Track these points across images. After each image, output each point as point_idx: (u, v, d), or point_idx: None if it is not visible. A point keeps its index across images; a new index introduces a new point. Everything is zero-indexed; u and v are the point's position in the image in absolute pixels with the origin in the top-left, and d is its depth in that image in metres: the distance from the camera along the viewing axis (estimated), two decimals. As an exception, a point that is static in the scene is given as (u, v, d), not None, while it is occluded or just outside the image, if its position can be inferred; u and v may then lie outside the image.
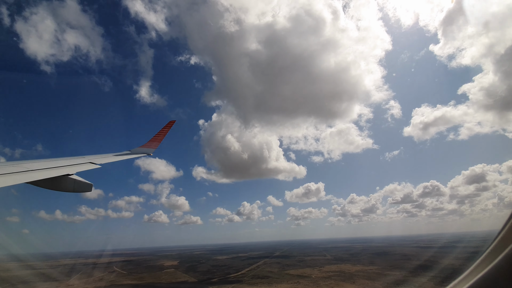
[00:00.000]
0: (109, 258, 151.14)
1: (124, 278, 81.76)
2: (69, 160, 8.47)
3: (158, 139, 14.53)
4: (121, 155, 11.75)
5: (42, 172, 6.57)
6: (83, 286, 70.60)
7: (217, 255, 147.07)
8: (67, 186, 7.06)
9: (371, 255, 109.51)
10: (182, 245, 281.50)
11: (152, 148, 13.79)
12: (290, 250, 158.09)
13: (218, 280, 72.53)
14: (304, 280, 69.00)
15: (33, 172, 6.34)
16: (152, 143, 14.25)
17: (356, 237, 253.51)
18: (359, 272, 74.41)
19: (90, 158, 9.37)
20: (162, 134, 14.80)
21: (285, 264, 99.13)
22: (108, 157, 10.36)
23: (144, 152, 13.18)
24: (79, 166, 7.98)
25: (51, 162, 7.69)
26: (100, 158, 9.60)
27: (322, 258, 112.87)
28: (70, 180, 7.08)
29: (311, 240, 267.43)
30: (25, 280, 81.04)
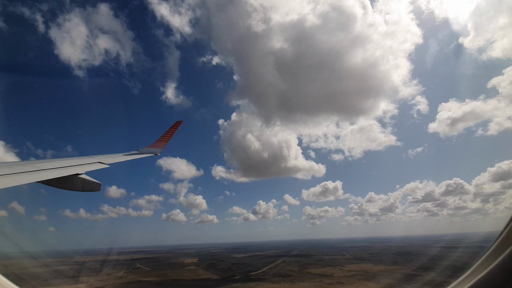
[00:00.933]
0: (131, 255, 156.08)
1: (148, 274, 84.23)
2: (79, 160, 8.55)
3: (165, 139, 14.65)
4: (129, 154, 11.91)
5: (53, 172, 6.66)
6: (112, 281, 73.27)
7: (235, 253, 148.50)
8: (77, 186, 7.14)
9: (392, 254, 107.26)
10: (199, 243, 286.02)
11: (159, 148, 13.92)
12: (307, 249, 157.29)
13: (240, 278, 73.31)
14: (326, 279, 68.60)
15: (44, 172, 6.43)
16: (159, 143, 14.37)
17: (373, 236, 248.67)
18: (382, 272, 73.16)
19: (99, 157, 9.49)
20: (169, 134, 14.94)
21: (304, 263, 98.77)
22: (116, 157, 10.48)
23: (151, 152, 13.27)
24: (88, 166, 8.06)
25: (61, 162, 7.76)
26: (109, 158, 9.74)
27: (342, 257, 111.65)
28: (80, 179, 7.16)
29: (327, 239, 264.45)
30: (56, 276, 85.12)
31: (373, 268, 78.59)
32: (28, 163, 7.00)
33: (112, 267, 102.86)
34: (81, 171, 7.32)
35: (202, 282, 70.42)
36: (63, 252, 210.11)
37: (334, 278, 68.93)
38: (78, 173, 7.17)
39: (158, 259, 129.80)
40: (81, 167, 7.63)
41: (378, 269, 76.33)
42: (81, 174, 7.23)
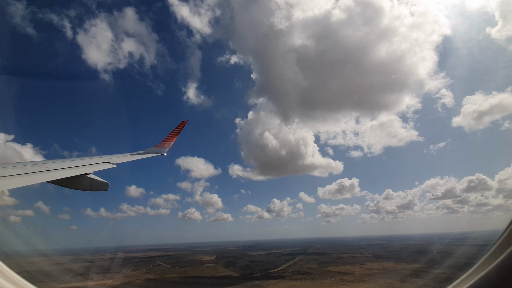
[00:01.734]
0: (150, 253, 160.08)
1: (170, 271, 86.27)
2: (87, 160, 8.65)
3: (171, 139, 14.71)
4: (136, 154, 12.02)
5: (62, 172, 6.73)
6: (136, 277, 75.59)
7: (251, 251, 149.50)
8: (85, 185, 7.20)
9: (413, 253, 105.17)
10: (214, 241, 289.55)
11: (165, 148, 13.96)
12: (323, 247, 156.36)
13: (260, 276, 73.96)
14: (347, 277, 68.22)
15: (54, 172, 6.50)
16: (165, 143, 14.42)
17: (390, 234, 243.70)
18: (404, 270, 71.99)
19: (106, 157, 9.57)
20: (175, 134, 15.03)
21: (322, 261, 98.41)
22: (124, 157, 10.55)
23: (157, 152, 13.34)
24: (96, 166, 8.15)
25: (70, 162, 7.83)
26: (116, 158, 9.79)
27: (360, 255, 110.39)
28: (88, 179, 7.24)
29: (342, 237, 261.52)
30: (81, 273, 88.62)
31: (394, 267, 77.47)
32: (38, 163, 7.05)
33: (134, 264, 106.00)
34: (89, 171, 7.40)
35: (223, 279, 71.52)
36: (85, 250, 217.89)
37: (355, 276, 68.44)
38: (86, 173, 7.27)
39: (177, 257, 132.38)
40: (89, 167, 7.72)
41: (400, 268, 75.17)
42: (89, 174, 7.32)
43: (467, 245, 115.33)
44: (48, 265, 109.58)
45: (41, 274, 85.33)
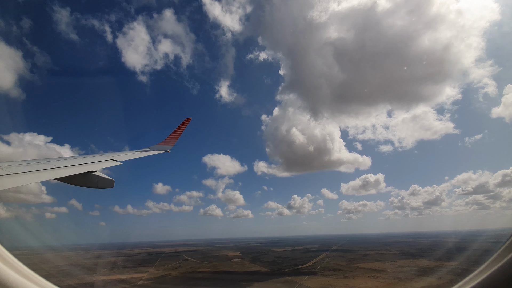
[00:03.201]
0: (175, 248, 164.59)
1: (199, 265, 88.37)
2: (93, 158, 8.77)
3: (175, 136, 14.66)
4: (141, 151, 12.09)
5: (69, 169, 6.79)
6: (169, 271, 78.15)
7: (274, 247, 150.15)
8: (91, 183, 7.33)
9: (445, 250, 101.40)
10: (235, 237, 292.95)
11: (169, 145, 13.91)
12: (347, 244, 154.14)
13: (289, 271, 74.20)
14: (380, 274, 66.99)
15: (61, 169, 6.59)
16: (169, 140, 14.38)
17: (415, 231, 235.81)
18: (440, 267, 69.60)
19: (112, 155, 9.66)
20: (179, 131, 14.99)
21: (349, 257, 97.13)
22: (129, 154, 10.64)
23: (162, 149, 13.29)
24: (102, 163, 8.25)
25: (76, 160, 7.92)
26: (121, 155, 9.87)
27: (388, 252, 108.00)
28: (94, 176, 7.36)
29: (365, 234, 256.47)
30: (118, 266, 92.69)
31: (428, 264, 75.10)
32: (45, 161, 7.14)
33: (163, 259, 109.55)
34: (95, 168, 7.52)
35: (254, 274, 72.40)
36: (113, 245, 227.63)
37: (388, 273, 67.09)
38: (92, 170, 7.38)
39: (202, 252, 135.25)
40: (95, 165, 7.85)
41: (435, 265, 72.74)
42: (95, 172, 7.43)
43: (502, 242, 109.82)
44: (84, 259, 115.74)
45: (80, 268, 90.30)
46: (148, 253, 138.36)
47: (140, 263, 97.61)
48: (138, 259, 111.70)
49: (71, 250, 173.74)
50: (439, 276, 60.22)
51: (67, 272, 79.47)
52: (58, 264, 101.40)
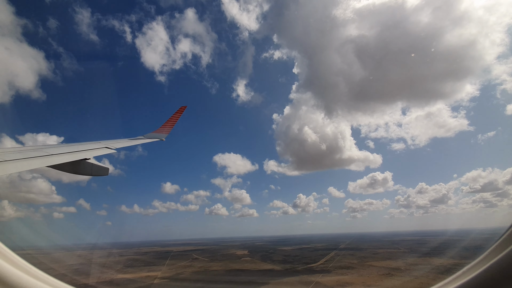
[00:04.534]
0: (183, 247, 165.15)
1: (210, 264, 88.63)
2: (86, 145, 8.57)
3: (170, 124, 14.57)
4: (135, 139, 11.91)
5: (62, 157, 6.64)
6: (181, 270, 78.46)
7: (281, 246, 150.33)
8: (85, 170, 7.28)
9: (456, 248, 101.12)
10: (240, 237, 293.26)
11: (164, 133, 13.81)
12: (354, 242, 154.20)
13: (302, 269, 74.33)
14: (395, 272, 66.97)
15: (53, 157, 6.44)
16: (164, 128, 14.28)
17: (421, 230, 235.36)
18: (455, 266, 69.39)
19: (105, 143, 9.49)
20: (174, 119, 14.91)
21: (360, 256, 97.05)
22: (122, 142, 10.43)
23: (156, 137, 13.16)
24: (95, 151, 8.12)
25: (69, 147, 7.73)
26: (115, 143, 9.71)
27: (397, 251, 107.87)
28: (88, 164, 7.31)
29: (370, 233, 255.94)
30: (129, 264, 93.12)
31: (442, 262, 74.92)
32: (38, 147, 6.99)
33: (172, 258, 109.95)
34: (88, 156, 7.41)
35: (267, 272, 72.51)
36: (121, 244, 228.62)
37: (403, 271, 67.07)
38: (86, 158, 7.27)
39: (210, 251, 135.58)
40: (88, 152, 7.73)
41: (449, 263, 72.52)
42: (89, 159, 7.34)
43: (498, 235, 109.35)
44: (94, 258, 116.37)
45: (92, 266, 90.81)
46: (157, 252, 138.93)
47: (151, 262, 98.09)
48: (148, 257, 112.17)
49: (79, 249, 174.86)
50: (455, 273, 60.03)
51: (80, 271, 79.99)
52: (70, 263, 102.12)
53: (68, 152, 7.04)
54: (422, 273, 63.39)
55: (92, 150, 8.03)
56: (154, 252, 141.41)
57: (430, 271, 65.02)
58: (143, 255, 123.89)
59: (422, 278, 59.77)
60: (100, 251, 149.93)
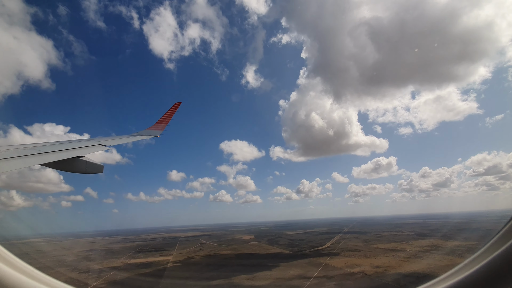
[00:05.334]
0: (189, 233, 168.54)
1: (220, 248, 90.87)
2: (80, 143, 8.51)
3: (165, 121, 14.42)
4: (130, 136, 11.84)
5: (56, 154, 6.59)
6: (192, 254, 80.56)
7: (286, 231, 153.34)
8: (79, 168, 7.18)
9: (458, 230, 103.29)
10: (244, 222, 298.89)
11: (159, 130, 13.68)
12: (357, 226, 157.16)
13: (310, 252, 76.20)
14: (400, 253, 68.60)
15: (47, 155, 6.37)
16: (159, 125, 14.14)
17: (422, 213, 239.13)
18: (458, 247, 71.02)
19: (100, 140, 9.41)
20: (168, 116, 14.79)
21: (364, 239, 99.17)
22: (117, 139, 10.36)
23: (151, 134, 12.99)
24: (89, 148, 8.09)
25: (62, 145, 7.70)
26: (110, 140, 9.66)
27: (401, 233, 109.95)
28: (82, 162, 7.22)
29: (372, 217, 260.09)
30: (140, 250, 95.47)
31: (445, 244, 76.66)
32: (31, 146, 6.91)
33: (181, 243, 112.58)
34: (82, 153, 7.37)
35: (276, 256, 74.41)
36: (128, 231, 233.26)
37: (408, 253, 68.70)
38: (80, 155, 7.22)
39: (217, 236, 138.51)
40: (82, 150, 7.67)
41: (453, 245, 74.21)
42: (83, 157, 7.29)
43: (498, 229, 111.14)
44: (104, 244, 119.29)
45: (104, 252, 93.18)
46: (164, 238, 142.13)
47: (161, 247, 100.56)
48: (157, 243, 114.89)
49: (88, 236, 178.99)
50: (460, 255, 61.65)
51: (92, 257, 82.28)
52: (81, 249, 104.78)
53: (62, 149, 7.05)
54: (427, 254, 64.97)
55: (86, 147, 7.99)
56: (161, 237, 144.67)
57: (434, 252, 66.59)
58: (152, 241, 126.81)
59: (428, 259, 61.29)
60: (108, 238, 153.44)
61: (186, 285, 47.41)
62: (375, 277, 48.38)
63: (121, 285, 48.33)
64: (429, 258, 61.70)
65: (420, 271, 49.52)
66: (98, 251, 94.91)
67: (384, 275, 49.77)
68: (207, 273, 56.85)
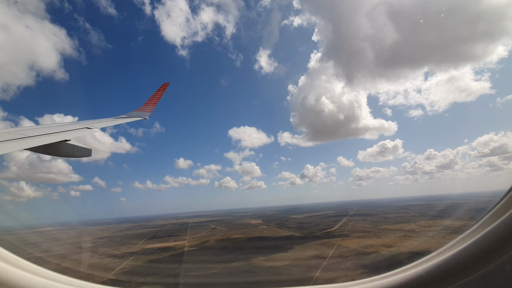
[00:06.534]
0: (197, 219, 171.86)
1: (231, 233, 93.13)
2: (65, 126, 8.22)
3: (153, 102, 14.16)
4: (117, 118, 11.61)
5: (40, 139, 6.31)
6: (205, 239, 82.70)
7: (292, 215, 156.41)
8: (66, 152, 6.96)
9: (464, 210, 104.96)
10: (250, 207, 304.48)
11: (147, 112, 13.36)
12: (362, 209, 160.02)
13: (321, 234, 78.16)
14: (411, 233, 70.35)
15: (31, 139, 6.09)
16: (147, 106, 13.82)
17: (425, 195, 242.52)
18: (466, 226, 72.43)
19: (86, 123, 9.15)
20: (156, 97, 14.49)
21: (372, 221, 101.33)
22: (104, 122, 10.15)
23: (139, 116, 12.66)
24: (75, 132, 7.86)
25: (47, 129, 7.42)
26: (96, 123, 9.41)
27: (407, 215, 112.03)
28: (69, 145, 7.01)
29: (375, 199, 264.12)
30: (153, 236, 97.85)
31: (453, 223, 78.19)
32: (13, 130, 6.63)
33: (191, 228, 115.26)
34: (68, 137, 7.11)
35: (288, 238, 76.38)
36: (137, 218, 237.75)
37: (417, 233, 70.42)
38: (66, 139, 6.97)
39: (225, 221, 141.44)
40: (68, 133, 7.43)
41: (460, 224, 75.75)
42: (69, 140, 7.05)
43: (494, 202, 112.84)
44: (118, 231, 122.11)
45: (119, 239, 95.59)
46: (174, 224, 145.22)
47: (173, 233, 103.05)
48: (168, 229, 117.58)
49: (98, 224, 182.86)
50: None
51: (108, 244, 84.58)
52: (96, 236, 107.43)
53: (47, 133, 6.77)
54: (437, 234, 66.62)
55: (72, 131, 7.76)
56: (171, 224, 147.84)
57: (443, 231, 68.24)
58: (162, 227, 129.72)
59: (438, 237, 62.94)
60: (118, 225, 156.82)
61: (207, 267, 49.09)
62: (389, 256, 49.97)
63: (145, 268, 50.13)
64: (439, 237, 63.36)
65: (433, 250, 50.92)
66: (112, 238, 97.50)
67: (398, 254, 51.38)
68: (224, 255, 58.74)
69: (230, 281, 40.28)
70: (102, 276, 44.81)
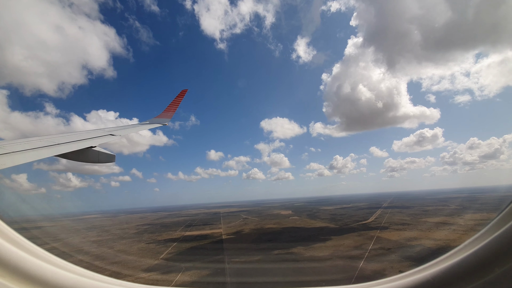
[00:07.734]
0: (228, 209, 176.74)
1: (263, 223, 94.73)
2: (91, 133, 8.71)
3: (173, 108, 14.50)
4: (139, 125, 12.05)
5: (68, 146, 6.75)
6: (239, 228, 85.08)
7: (322, 206, 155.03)
8: (92, 158, 7.26)
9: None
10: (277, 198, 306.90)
11: (167, 118, 13.81)
12: (396, 201, 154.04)
13: (357, 226, 76.73)
14: (456, 227, 66.61)
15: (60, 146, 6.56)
16: (167, 113, 14.26)
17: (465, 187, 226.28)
18: None
19: (110, 130, 9.64)
20: (176, 103, 14.82)
21: (409, 213, 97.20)
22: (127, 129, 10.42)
23: (159, 122, 13.10)
24: (100, 138, 8.21)
25: (74, 136, 7.88)
26: (120, 130, 9.78)
27: (448, 208, 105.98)
28: (94, 152, 7.29)
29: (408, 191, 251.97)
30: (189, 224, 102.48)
31: (505, 217, 72.72)
32: (44, 138, 7.16)
33: (224, 218, 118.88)
34: (94, 144, 7.46)
35: (323, 229, 76.07)
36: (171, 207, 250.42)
37: (464, 227, 66.44)
38: (92, 146, 7.32)
39: (255, 212, 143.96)
40: (93, 140, 7.82)
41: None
42: (95, 147, 7.38)
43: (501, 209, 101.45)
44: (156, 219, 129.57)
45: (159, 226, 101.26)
46: (206, 213, 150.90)
47: (207, 222, 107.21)
48: (202, 218, 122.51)
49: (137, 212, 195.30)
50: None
51: (150, 230, 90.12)
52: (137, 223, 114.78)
53: (74, 140, 7.33)
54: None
55: (97, 137, 8.28)
56: (203, 213, 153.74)
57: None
58: (195, 216, 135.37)
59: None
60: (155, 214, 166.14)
61: (249, 254, 50.64)
62: (437, 250, 47.82)
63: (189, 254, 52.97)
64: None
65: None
66: (153, 225, 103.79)
67: (448, 247, 48.95)
68: (263, 244, 60.07)
69: (275, 267, 41.32)
70: (154, 258, 48.13)
